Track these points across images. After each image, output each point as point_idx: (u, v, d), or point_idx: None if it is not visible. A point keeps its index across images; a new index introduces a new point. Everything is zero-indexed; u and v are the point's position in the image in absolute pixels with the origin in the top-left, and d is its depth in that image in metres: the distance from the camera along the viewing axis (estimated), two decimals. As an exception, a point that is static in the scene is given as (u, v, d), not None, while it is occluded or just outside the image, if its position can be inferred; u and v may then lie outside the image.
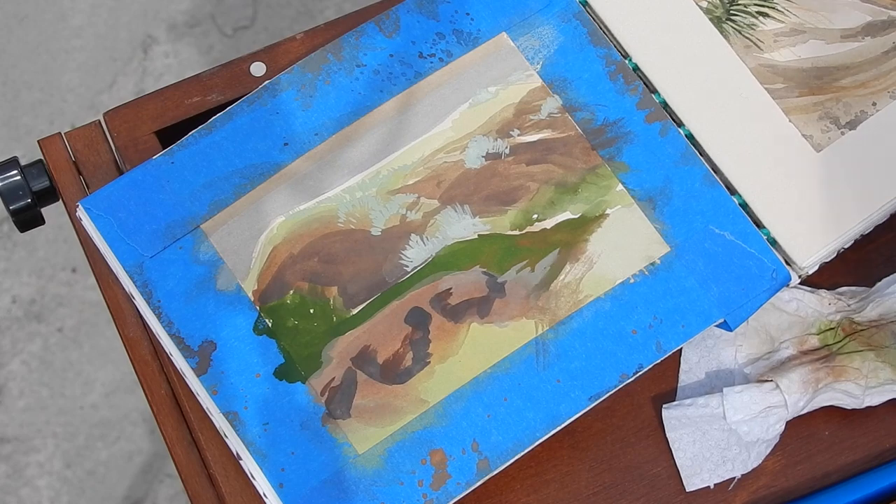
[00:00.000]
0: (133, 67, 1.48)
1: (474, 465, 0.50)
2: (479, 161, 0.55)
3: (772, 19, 0.58)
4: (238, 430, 0.50)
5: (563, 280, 0.53)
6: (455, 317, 0.52)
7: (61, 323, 1.38)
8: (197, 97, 0.57)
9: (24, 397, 1.35)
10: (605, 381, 0.51)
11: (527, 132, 0.55)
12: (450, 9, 0.57)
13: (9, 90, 1.47)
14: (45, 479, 1.32)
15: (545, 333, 0.52)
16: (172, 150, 0.54)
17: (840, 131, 0.56)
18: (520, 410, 0.51)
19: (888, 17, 0.58)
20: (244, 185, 0.54)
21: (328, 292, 0.53)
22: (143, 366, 0.53)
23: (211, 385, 0.51)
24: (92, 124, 0.57)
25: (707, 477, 0.52)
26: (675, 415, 0.53)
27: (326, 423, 0.51)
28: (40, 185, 0.56)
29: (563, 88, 0.56)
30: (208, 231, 0.53)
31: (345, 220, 0.54)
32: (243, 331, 0.52)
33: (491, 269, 0.53)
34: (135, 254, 0.52)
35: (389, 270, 0.53)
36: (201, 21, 1.51)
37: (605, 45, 0.57)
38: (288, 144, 0.54)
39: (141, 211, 0.53)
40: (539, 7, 0.57)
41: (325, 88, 0.55)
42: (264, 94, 0.55)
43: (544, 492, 0.52)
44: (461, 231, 0.54)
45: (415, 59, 0.56)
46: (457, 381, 0.51)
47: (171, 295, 0.52)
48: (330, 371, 0.51)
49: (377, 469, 0.50)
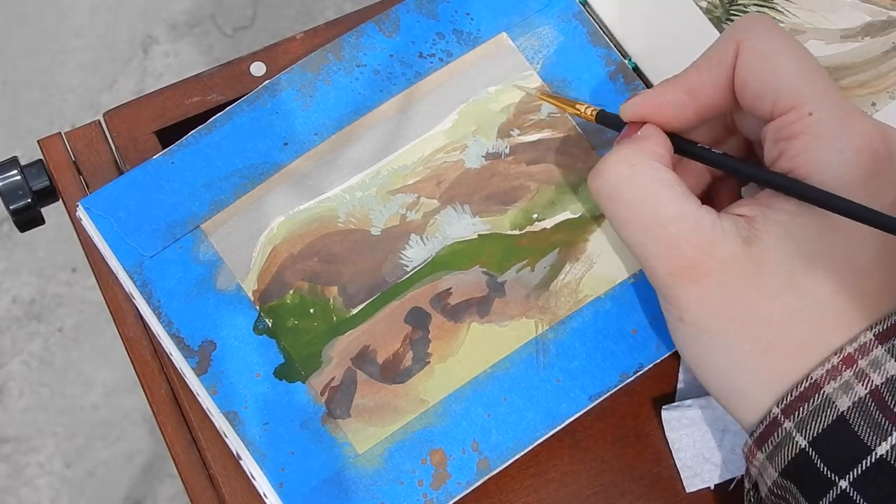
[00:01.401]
0: (133, 67, 1.48)
1: (474, 465, 0.50)
2: (478, 161, 0.55)
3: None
4: (238, 429, 0.50)
5: (563, 280, 0.53)
6: (455, 316, 0.52)
7: (61, 323, 1.38)
8: (197, 97, 0.57)
9: (24, 397, 1.35)
10: (606, 381, 0.51)
11: (527, 132, 0.55)
12: (449, 9, 0.57)
13: (9, 90, 1.47)
14: (45, 479, 1.32)
15: (545, 333, 0.52)
16: (172, 150, 0.54)
17: (840, 131, 0.56)
18: (520, 410, 0.51)
19: (888, 17, 0.58)
20: (244, 185, 0.54)
21: (328, 292, 0.53)
22: (143, 366, 0.53)
23: (211, 385, 0.51)
24: (92, 124, 0.57)
25: (707, 478, 0.53)
26: (675, 416, 0.53)
27: (326, 422, 0.51)
28: (40, 184, 0.56)
29: (563, 88, 0.56)
30: (208, 231, 0.53)
31: (345, 219, 0.54)
32: (243, 330, 0.52)
33: (491, 268, 0.53)
34: (135, 253, 0.53)
35: (389, 270, 0.53)
36: (201, 21, 1.51)
37: (605, 45, 0.57)
38: (288, 144, 0.54)
39: (141, 211, 0.53)
40: (539, 7, 0.57)
41: (325, 88, 0.55)
42: (264, 94, 0.55)
43: (544, 492, 0.52)
44: (461, 231, 0.54)
45: (415, 58, 0.56)
46: (457, 380, 0.51)
47: (171, 295, 0.52)
48: (330, 371, 0.51)
49: (377, 469, 0.50)
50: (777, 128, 0.47)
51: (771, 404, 0.46)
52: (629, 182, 0.48)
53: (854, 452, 0.44)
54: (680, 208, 0.47)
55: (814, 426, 0.45)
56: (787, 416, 0.45)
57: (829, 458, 0.44)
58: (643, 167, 0.48)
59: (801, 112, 0.46)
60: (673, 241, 0.47)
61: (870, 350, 0.45)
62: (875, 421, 0.44)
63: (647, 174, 0.48)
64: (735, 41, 0.48)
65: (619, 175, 0.48)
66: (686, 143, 0.50)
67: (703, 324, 0.47)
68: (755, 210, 0.47)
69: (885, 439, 0.44)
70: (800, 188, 0.46)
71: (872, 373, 0.45)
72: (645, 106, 0.50)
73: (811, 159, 0.46)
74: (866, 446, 0.44)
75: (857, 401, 0.44)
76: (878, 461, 0.44)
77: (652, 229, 0.47)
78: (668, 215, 0.47)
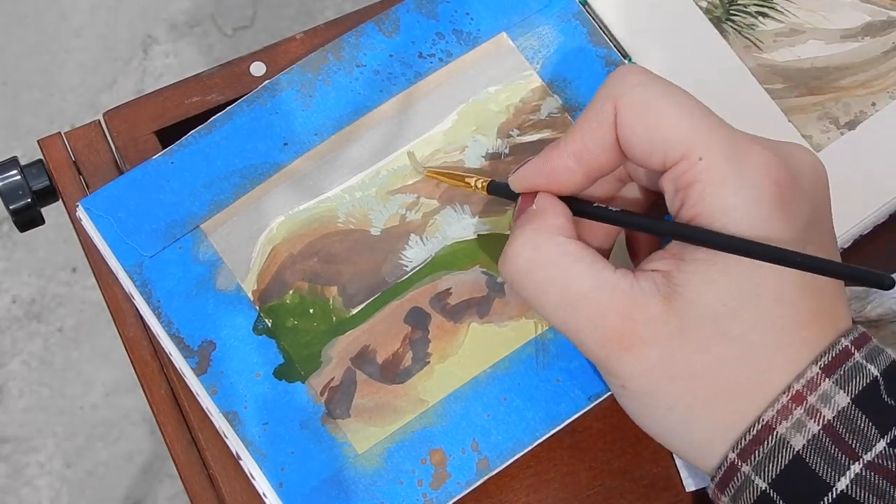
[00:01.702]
0: (133, 67, 1.48)
1: (474, 465, 0.50)
2: (478, 161, 0.55)
3: (771, 19, 0.58)
4: (238, 429, 0.50)
5: (562, 280, 0.53)
6: (455, 316, 0.52)
7: (61, 323, 1.38)
8: (197, 97, 0.57)
9: (24, 397, 1.35)
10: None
11: (527, 132, 0.55)
12: (449, 9, 0.57)
13: (9, 90, 1.47)
14: (45, 479, 1.32)
15: (545, 333, 0.52)
16: (172, 150, 0.54)
17: (839, 131, 0.56)
18: (519, 410, 0.51)
19: (888, 17, 0.58)
20: (244, 185, 0.54)
21: (328, 292, 0.53)
22: (143, 366, 0.53)
23: (210, 385, 0.51)
24: (92, 124, 0.57)
25: (707, 477, 0.52)
26: (674, 415, 0.53)
27: (326, 422, 0.51)
28: (40, 184, 0.56)
29: (562, 88, 0.56)
30: (208, 231, 0.53)
31: (344, 219, 0.54)
32: (243, 331, 0.52)
33: (491, 268, 0.53)
34: (134, 253, 0.53)
35: (389, 270, 0.53)
36: (201, 21, 1.51)
37: (605, 45, 0.57)
38: (288, 144, 0.54)
39: (141, 211, 0.53)
40: (539, 7, 0.57)
41: (325, 88, 0.55)
42: (264, 94, 0.55)
43: (544, 492, 0.52)
44: (461, 231, 0.54)
45: (414, 59, 0.56)
46: (456, 380, 0.51)
47: (171, 295, 0.52)
48: (330, 371, 0.51)
49: (377, 469, 0.50)
50: (672, 178, 0.46)
51: (726, 450, 0.45)
52: (538, 265, 0.46)
53: (815, 490, 0.44)
54: (594, 280, 0.46)
55: (771, 468, 0.44)
56: (743, 460, 0.45)
57: (790, 497, 0.44)
58: (548, 245, 0.47)
59: (691, 160, 0.45)
60: (595, 315, 0.46)
61: (818, 384, 0.44)
62: (831, 456, 0.44)
63: (554, 251, 0.46)
64: (611, 101, 0.46)
65: (527, 259, 0.47)
66: (583, 206, 0.48)
67: (645, 388, 0.46)
68: (669, 264, 0.46)
69: (843, 474, 0.43)
70: (701, 236, 0.44)
71: (823, 407, 0.44)
72: (533, 175, 0.48)
73: (710, 205, 0.44)
74: (826, 483, 0.44)
75: (811, 438, 0.44)
76: (840, 497, 0.43)
77: (572, 306, 0.46)
78: (583, 289, 0.46)
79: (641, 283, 0.46)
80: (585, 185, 0.48)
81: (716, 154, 0.45)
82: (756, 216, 0.44)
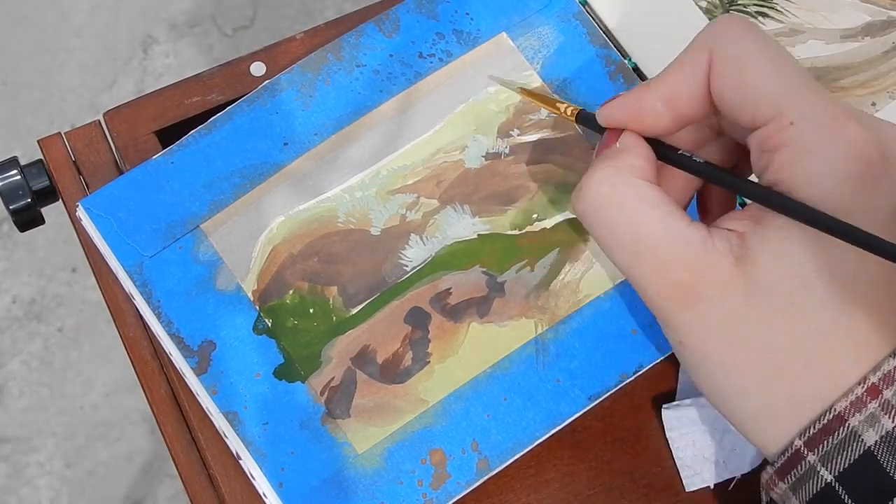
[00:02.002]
0: (133, 67, 1.48)
1: (474, 465, 0.50)
2: (478, 161, 0.55)
3: (771, 19, 0.58)
4: (238, 429, 0.50)
5: (562, 279, 0.53)
6: (455, 316, 0.52)
7: (61, 323, 1.38)
8: (197, 97, 0.57)
9: (24, 397, 1.36)
10: (605, 381, 0.51)
11: (527, 132, 0.55)
12: (449, 9, 0.57)
13: (9, 90, 1.47)
14: (45, 479, 1.32)
15: (545, 333, 0.52)
16: (172, 150, 0.54)
17: (840, 131, 0.56)
18: (519, 410, 0.51)
19: (888, 17, 0.58)
20: (244, 185, 0.54)
21: (328, 292, 0.53)
22: (143, 366, 0.54)
23: (210, 385, 0.51)
24: (92, 124, 0.57)
25: (707, 477, 0.53)
26: (674, 415, 0.53)
27: (326, 422, 0.51)
28: (40, 184, 0.57)
29: (562, 88, 0.56)
30: (208, 231, 0.53)
31: (344, 219, 0.54)
32: (243, 330, 0.52)
33: (491, 268, 0.53)
34: (134, 253, 0.53)
35: (389, 270, 0.53)
36: (201, 21, 1.51)
37: (605, 45, 0.57)
38: (288, 144, 0.54)
39: (141, 211, 0.53)
40: (539, 7, 0.57)
41: (325, 88, 0.55)
42: (264, 94, 0.55)
43: (544, 492, 0.52)
44: (461, 231, 0.54)
45: (414, 59, 0.56)
46: (456, 380, 0.51)
47: (171, 295, 0.52)
48: (330, 371, 0.51)
49: (377, 468, 0.50)
50: (760, 139, 0.44)
51: (788, 433, 0.44)
52: (612, 203, 0.45)
53: (883, 488, 0.42)
54: (667, 228, 0.44)
55: (840, 461, 0.43)
56: (810, 448, 0.43)
57: (856, 493, 0.42)
58: (625, 186, 0.45)
59: (782, 122, 0.43)
60: (662, 264, 0.44)
61: (894, 379, 0.43)
62: None
63: (630, 193, 0.45)
64: (707, 49, 0.45)
65: (602, 196, 0.45)
66: (667, 150, 0.47)
67: (703, 349, 0.44)
68: (746, 225, 0.44)
69: None
70: (782, 203, 0.43)
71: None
72: (621, 113, 0.47)
73: (795, 172, 0.43)
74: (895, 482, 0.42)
75: (885, 434, 0.42)
76: None
77: (640, 252, 0.45)
78: (654, 236, 0.44)
79: (715, 241, 0.44)
80: (674, 129, 0.47)
81: (808, 121, 0.43)
82: (841, 193, 0.42)
